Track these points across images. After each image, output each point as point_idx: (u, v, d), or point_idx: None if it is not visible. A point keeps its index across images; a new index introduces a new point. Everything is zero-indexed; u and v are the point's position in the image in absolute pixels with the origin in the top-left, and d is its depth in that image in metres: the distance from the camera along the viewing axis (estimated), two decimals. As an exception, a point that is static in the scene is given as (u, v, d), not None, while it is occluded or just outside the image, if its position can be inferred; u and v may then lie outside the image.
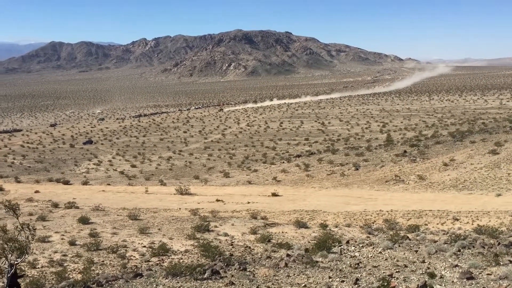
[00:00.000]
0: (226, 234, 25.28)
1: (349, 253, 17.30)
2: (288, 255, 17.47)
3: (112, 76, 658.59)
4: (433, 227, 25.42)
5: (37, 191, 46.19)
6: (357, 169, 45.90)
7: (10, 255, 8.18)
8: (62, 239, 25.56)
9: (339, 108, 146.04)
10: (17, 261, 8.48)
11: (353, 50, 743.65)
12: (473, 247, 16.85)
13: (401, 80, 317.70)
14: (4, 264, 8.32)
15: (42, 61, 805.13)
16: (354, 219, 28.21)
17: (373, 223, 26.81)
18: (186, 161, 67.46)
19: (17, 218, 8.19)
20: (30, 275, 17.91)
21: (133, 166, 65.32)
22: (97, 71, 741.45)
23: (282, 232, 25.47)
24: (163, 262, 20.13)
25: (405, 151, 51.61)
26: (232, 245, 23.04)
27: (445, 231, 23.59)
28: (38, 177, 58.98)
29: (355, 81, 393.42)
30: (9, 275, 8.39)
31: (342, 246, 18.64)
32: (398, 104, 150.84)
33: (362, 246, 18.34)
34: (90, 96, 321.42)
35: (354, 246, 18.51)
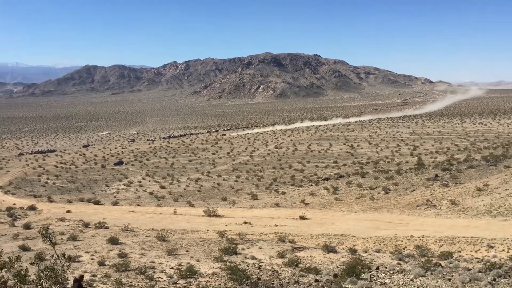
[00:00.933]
0: (253, 257, 25.08)
1: (379, 279, 16.90)
2: (316, 281, 17.19)
3: (143, 98, 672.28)
4: (466, 254, 24.61)
5: (68, 211, 47.07)
6: (387, 193, 45.10)
7: (45, 283, 8.32)
8: (92, 259, 25.86)
9: (368, 130, 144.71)
10: None
11: (383, 72, 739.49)
12: (509, 276, 16.20)
13: (433, 103, 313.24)
14: None
15: (77, 84, 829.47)
16: (384, 244, 27.58)
17: (404, 249, 26.15)
18: (214, 182, 67.74)
19: (53, 247, 8.35)
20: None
21: (162, 187, 65.97)
22: (129, 93, 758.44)
23: (310, 256, 25.11)
24: (190, 285, 20.09)
25: (436, 175, 50.48)
26: (259, 268, 22.83)
27: (479, 259, 22.80)
28: (70, 197, 60.21)
29: (384, 103, 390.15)
30: None
31: (372, 273, 18.24)
32: (429, 127, 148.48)
33: (393, 273, 17.89)
34: (122, 118, 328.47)
35: (384, 273, 18.08)
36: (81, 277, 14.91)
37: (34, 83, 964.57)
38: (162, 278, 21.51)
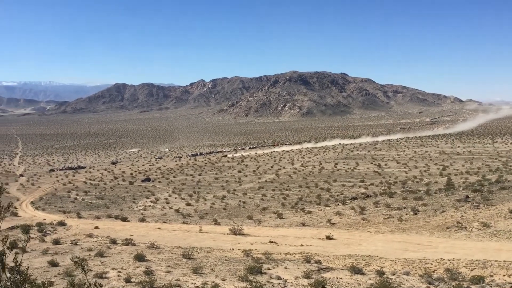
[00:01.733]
0: (279, 278, 24.82)
1: (408, 303, 16.46)
2: (343, 303, 16.87)
3: (171, 116, 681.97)
4: (499, 279, 23.77)
5: (96, 227, 47.70)
6: (416, 214, 44.15)
7: None
8: (118, 275, 26.05)
9: (396, 149, 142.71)
10: None
11: (411, 91, 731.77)
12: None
13: (464, 122, 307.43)
14: None
15: (107, 102, 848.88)
16: (413, 267, 26.91)
17: (433, 272, 25.45)
18: (240, 200, 67.73)
19: (86, 275, 8.46)
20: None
21: (188, 204, 66.31)
22: (157, 111, 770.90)
23: (337, 278, 24.69)
24: (215, 304, 19.99)
25: (467, 196, 49.21)
26: (285, 289, 22.56)
27: (513, 284, 22.01)
28: (98, 213, 61.12)
29: (412, 122, 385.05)
30: None
31: (400, 296, 17.80)
32: (459, 146, 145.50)
33: (422, 297, 17.40)
34: (150, 135, 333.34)
35: (413, 297, 17.61)
36: None
37: (65, 101, 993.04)
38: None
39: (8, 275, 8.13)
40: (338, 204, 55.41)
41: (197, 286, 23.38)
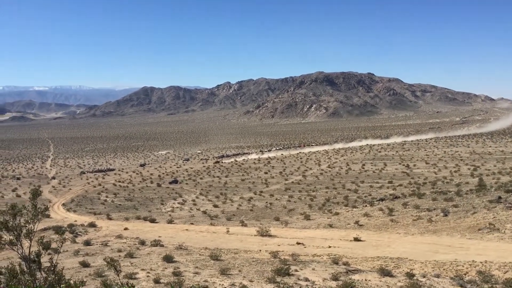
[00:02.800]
0: (306, 279, 24.72)
1: (439, 307, 16.16)
2: (371, 306, 16.68)
3: (197, 118, 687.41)
4: (534, 282, 23.09)
5: (126, 228, 48.48)
6: (446, 215, 43.28)
7: None
8: (147, 276, 26.41)
9: (425, 150, 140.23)
10: None
11: (440, 90, 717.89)
12: None
13: (496, 121, 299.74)
14: None
15: (135, 105, 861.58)
16: (444, 269, 26.39)
17: (465, 274, 24.91)
18: (266, 202, 67.73)
19: (118, 275, 8.68)
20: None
21: (215, 206, 66.70)
22: (184, 113, 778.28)
23: (365, 280, 24.43)
24: (243, 305, 20.05)
25: (499, 197, 47.96)
26: (312, 291, 22.46)
27: (549, 287, 21.33)
28: (127, 215, 62.08)
29: (441, 122, 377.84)
30: None
31: (430, 299, 17.48)
32: (490, 146, 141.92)
33: (453, 300, 17.05)
34: (177, 138, 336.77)
35: (444, 300, 17.28)
36: None
37: (95, 104, 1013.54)
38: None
39: (44, 275, 8.41)
40: (366, 206, 54.82)
41: (225, 287, 23.50)
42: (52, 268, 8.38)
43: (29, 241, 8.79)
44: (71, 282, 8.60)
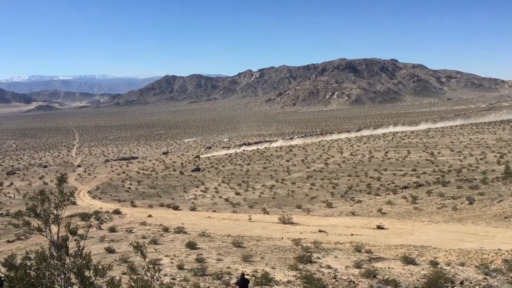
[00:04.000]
0: (329, 267, 24.72)
1: (464, 295, 15.97)
2: (395, 293, 16.60)
3: (219, 106, 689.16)
4: (563, 271, 22.60)
5: (150, 215, 49.21)
6: (471, 203, 42.59)
7: None
8: (171, 262, 26.80)
9: (450, 137, 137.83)
10: None
11: (465, 76, 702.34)
12: None
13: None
14: None
15: (157, 93, 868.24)
16: (469, 257, 26.03)
17: (490, 263, 24.52)
18: (288, 190, 67.73)
19: (144, 259, 8.85)
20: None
21: (237, 193, 67.03)
22: (206, 101, 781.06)
23: (388, 268, 24.30)
24: (265, 292, 20.19)
25: (527, 185, 46.94)
26: (335, 278, 22.45)
27: None
28: (151, 202, 62.96)
29: (467, 108, 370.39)
30: None
31: (455, 287, 17.29)
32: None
33: (479, 289, 16.83)
34: (199, 126, 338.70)
35: (469, 288, 17.07)
36: (243, 274, 18.49)
37: (118, 93, 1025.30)
38: (233, 285, 21.82)
39: (72, 259, 8.65)
40: (389, 193, 54.33)
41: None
42: (80, 253, 8.57)
43: (57, 226, 8.99)
44: (99, 266, 8.81)
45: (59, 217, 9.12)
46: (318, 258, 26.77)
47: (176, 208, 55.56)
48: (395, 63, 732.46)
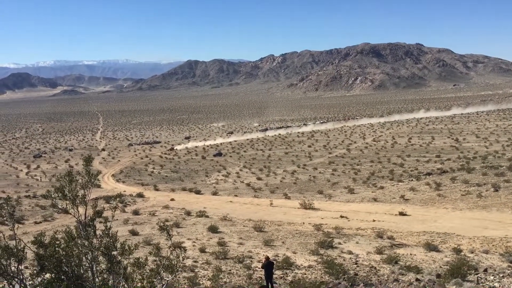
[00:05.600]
0: (350, 252, 24.72)
1: (487, 283, 15.80)
2: (417, 280, 16.52)
3: (241, 91, 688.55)
4: None
5: (172, 199, 49.84)
6: (497, 191, 41.84)
7: (162, 272, 9.10)
8: (193, 245, 27.18)
9: (476, 123, 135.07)
10: (168, 278, 9.39)
11: (493, 60, 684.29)
12: None
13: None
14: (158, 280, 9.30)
15: (179, 78, 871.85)
16: (493, 245, 25.68)
17: (515, 251, 24.15)
18: (310, 175, 67.59)
19: (170, 239, 9.02)
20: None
21: (259, 178, 67.21)
22: (228, 86, 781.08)
23: (410, 254, 24.17)
24: (286, 276, 20.34)
25: (555, 173, 45.86)
26: (356, 264, 22.46)
27: None
28: (173, 186, 63.70)
29: (494, 94, 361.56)
30: None
31: (479, 275, 17.11)
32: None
33: (503, 276, 16.62)
34: (221, 111, 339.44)
35: (493, 276, 16.87)
36: (268, 257, 18.43)
37: (141, 78, 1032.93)
38: (259, 268, 22.02)
39: (99, 238, 8.90)
40: (412, 180, 53.78)
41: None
42: (107, 232, 8.78)
43: (84, 206, 9.20)
44: (125, 246, 9.01)
45: (86, 197, 9.34)
46: (340, 243, 26.79)
47: (198, 192, 56.09)
48: (420, 48, 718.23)
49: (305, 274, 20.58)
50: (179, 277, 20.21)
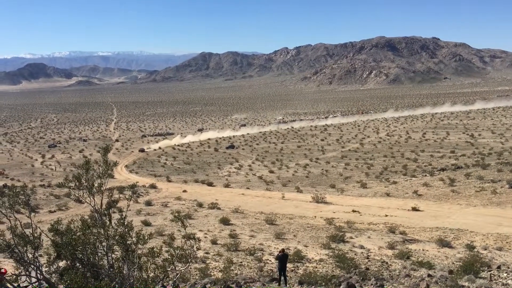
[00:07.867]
0: (362, 247, 24.67)
1: (501, 280, 15.67)
2: (429, 275, 16.43)
3: (254, 84, 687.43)
4: None
5: (184, 191, 50.14)
6: (512, 188, 41.35)
7: (176, 262, 9.22)
8: (205, 237, 27.35)
9: (492, 119, 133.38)
10: (182, 268, 9.51)
11: (511, 55, 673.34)
12: None
13: None
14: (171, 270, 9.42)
15: (193, 70, 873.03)
16: (507, 242, 25.42)
17: (530, 249, 23.90)
18: (322, 169, 67.47)
19: (185, 229, 9.15)
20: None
21: (271, 171, 67.26)
22: (241, 79, 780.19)
23: (423, 250, 24.05)
24: (297, 269, 20.39)
25: None
26: (368, 258, 22.41)
27: None
28: (186, 178, 64.06)
29: (511, 89, 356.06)
30: (175, 279, 9.44)
31: (492, 272, 16.97)
32: None
33: (516, 274, 16.46)
34: (234, 103, 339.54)
35: (506, 273, 16.71)
36: (283, 249, 18.29)
37: (155, 70, 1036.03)
38: (270, 261, 22.11)
39: (115, 227, 9.04)
40: (425, 175, 53.38)
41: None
42: (122, 221, 8.89)
43: (100, 195, 9.33)
44: (140, 235, 9.14)
45: (103, 186, 9.47)
46: (351, 238, 26.74)
47: (210, 184, 56.34)
48: (436, 42, 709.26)
49: (316, 267, 20.60)
50: (190, 267, 20.38)
